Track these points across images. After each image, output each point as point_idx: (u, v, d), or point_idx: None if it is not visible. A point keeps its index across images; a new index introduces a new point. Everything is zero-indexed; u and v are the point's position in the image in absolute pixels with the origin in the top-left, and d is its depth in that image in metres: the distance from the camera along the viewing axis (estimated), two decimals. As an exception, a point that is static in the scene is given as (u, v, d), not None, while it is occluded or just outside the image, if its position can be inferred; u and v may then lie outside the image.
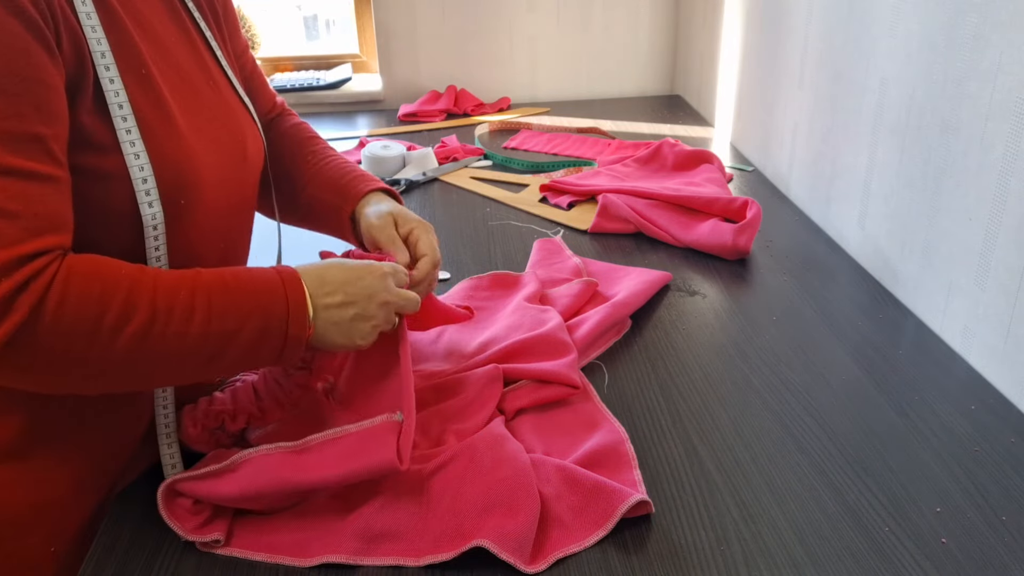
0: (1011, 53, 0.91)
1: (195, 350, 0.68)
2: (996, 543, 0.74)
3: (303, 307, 0.72)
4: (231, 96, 0.84)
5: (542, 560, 0.72)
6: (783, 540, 0.74)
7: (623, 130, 1.92)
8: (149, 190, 0.70)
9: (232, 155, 0.81)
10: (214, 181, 0.76)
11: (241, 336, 0.69)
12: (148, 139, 0.70)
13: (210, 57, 0.84)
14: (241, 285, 0.70)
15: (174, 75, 0.76)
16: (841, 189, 1.33)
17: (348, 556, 0.72)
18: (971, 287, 1.00)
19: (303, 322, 0.72)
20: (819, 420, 0.90)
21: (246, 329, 0.70)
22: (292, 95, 2.14)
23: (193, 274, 0.70)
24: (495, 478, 0.75)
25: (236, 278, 0.71)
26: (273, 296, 0.71)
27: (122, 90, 0.68)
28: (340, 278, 0.75)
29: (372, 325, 0.77)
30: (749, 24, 1.71)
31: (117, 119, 0.68)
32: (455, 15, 2.09)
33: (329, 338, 0.76)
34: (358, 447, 0.75)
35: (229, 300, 0.69)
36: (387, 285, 0.78)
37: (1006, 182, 0.93)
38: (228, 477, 0.75)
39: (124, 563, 0.73)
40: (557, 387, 0.92)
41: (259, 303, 0.70)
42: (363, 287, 0.76)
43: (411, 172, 1.64)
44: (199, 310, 0.67)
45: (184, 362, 0.69)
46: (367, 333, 0.78)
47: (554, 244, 1.28)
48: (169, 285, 0.67)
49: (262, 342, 0.71)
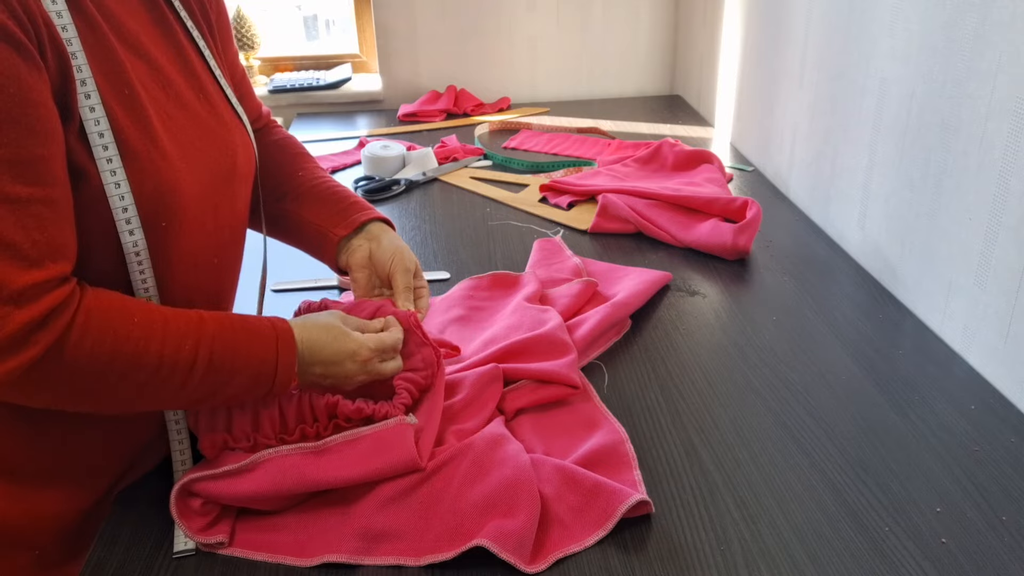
0: (1011, 53, 0.91)
1: (190, 394, 0.71)
2: (996, 543, 0.74)
3: (291, 368, 0.76)
4: (223, 107, 0.82)
5: (542, 560, 0.72)
6: (783, 540, 0.74)
7: (623, 130, 1.92)
8: (130, 218, 0.69)
9: (220, 172, 0.79)
10: (199, 201, 0.75)
11: (231, 385, 0.73)
12: (129, 164, 0.68)
13: (202, 67, 0.81)
14: (239, 340, 0.73)
15: (160, 91, 0.74)
16: (841, 189, 1.33)
17: (349, 556, 0.72)
18: (971, 287, 1.00)
19: (289, 378, 0.76)
20: (819, 420, 0.90)
21: (237, 380, 0.73)
22: (292, 95, 2.14)
23: (198, 322, 0.71)
24: (495, 478, 0.75)
25: (234, 332, 0.73)
26: (266, 354, 0.74)
27: (103, 118, 0.67)
28: (324, 356, 0.78)
29: (357, 382, 0.81)
30: (749, 24, 1.71)
31: (97, 148, 0.66)
32: (455, 15, 2.09)
33: (313, 385, 0.80)
34: (376, 447, 0.77)
35: (227, 355, 0.72)
36: (367, 368, 0.80)
37: (1006, 182, 0.93)
38: (246, 477, 0.75)
39: (124, 563, 0.73)
40: (557, 387, 0.92)
41: (253, 358, 0.73)
42: (342, 371, 0.79)
43: (411, 172, 1.64)
44: (200, 363, 0.70)
45: (177, 401, 0.73)
46: (347, 385, 0.81)
47: (554, 244, 1.28)
48: (177, 335, 0.69)
49: (250, 391, 0.75)
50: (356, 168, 1.72)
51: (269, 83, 2.19)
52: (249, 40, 2.16)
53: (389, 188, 1.57)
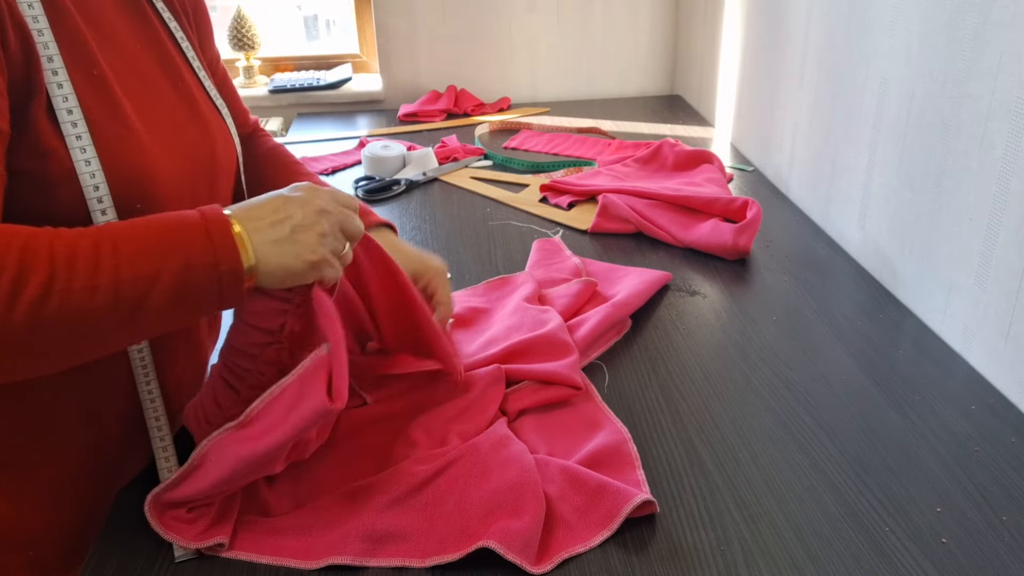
0: (1011, 53, 0.91)
1: (110, 304, 0.60)
2: (996, 543, 0.74)
3: (229, 237, 0.65)
4: (202, 99, 0.81)
5: (547, 561, 0.72)
6: (783, 540, 0.74)
7: (623, 130, 1.92)
8: (101, 197, 0.66)
9: (198, 160, 0.77)
10: (175, 186, 0.73)
11: (161, 279, 0.62)
12: (100, 143, 0.66)
13: (180, 59, 0.81)
14: (152, 226, 0.64)
15: (134, 77, 0.73)
16: (841, 189, 1.33)
17: (353, 557, 0.72)
18: (971, 287, 1.00)
19: (233, 253, 0.65)
20: (819, 420, 0.90)
21: (165, 270, 0.62)
22: (292, 95, 2.14)
23: (100, 226, 0.64)
24: (500, 479, 0.75)
25: (148, 220, 0.64)
26: (191, 231, 0.64)
27: (71, 94, 0.65)
28: (268, 202, 0.69)
29: (317, 233, 0.70)
30: (749, 24, 1.71)
31: (66, 124, 0.65)
32: (455, 15, 2.09)
33: (276, 262, 0.68)
34: (295, 398, 0.71)
35: (139, 242, 0.62)
36: (320, 194, 0.71)
37: (1006, 182, 0.93)
38: (198, 473, 0.73)
39: (124, 563, 0.73)
40: (559, 388, 0.92)
41: (175, 240, 0.63)
42: (291, 200, 0.69)
43: (411, 172, 1.64)
44: (106, 257, 0.60)
45: (103, 321, 0.61)
46: (315, 244, 0.69)
47: (553, 244, 1.28)
48: (69, 237, 0.60)
49: (189, 282, 0.63)
50: (356, 168, 1.72)
51: (269, 83, 2.19)
52: (249, 40, 2.16)
53: (389, 188, 1.57)
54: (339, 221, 0.72)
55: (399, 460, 0.81)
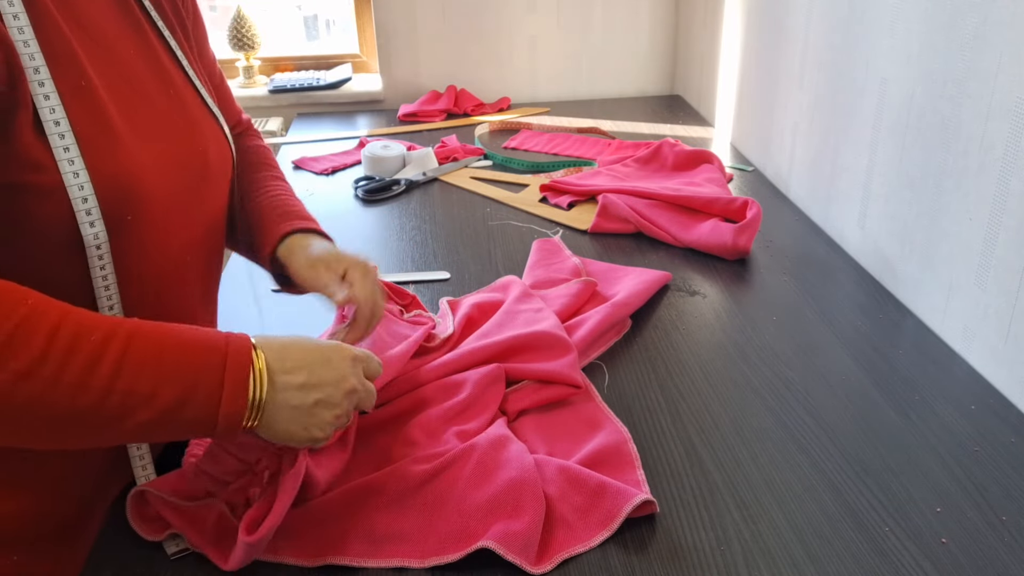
0: (1011, 53, 0.91)
1: (91, 408, 0.56)
2: (996, 543, 0.74)
3: (243, 381, 0.61)
4: (195, 104, 0.80)
5: (547, 561, 0.71)
6: (783, 540, 0.74)
7: (623, 130, 1.92)
8: (90, 209, 0.65)
9: (189, 166, 0.76)
10: (166, 193, 0.72)
11: (154, 403, 0.58)
12: (88, 155, 0.65)
13: (173, 64, 0.80)
14: (172, 340, 0.60)
15: (122, 83, 0.71)
16: (841, 189, 1.33)
17: (353, 558, 0.72)
18: (971, 287, 1.00)
19: (240, 402, 0.61)
20: (819, 420, 0.90)
21: (162, 396, 0.58)
22: (292, 95, 2.14)
23: (123, 320, 0.60)
24: (500, 479, 0.75)
25: (174, 332, 0.61)
26: (208, 362, 0.60)
27: (59, 106, 0.64)
28: (306, 356, 0.66)
29: (335, 415, 0.68)
30: (749, 24, 1.71)
31: (54, 136, 0.63)
32: (455, 15, 2.09)
33: (280, 426, 0.65)
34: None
35: (152, 354, 0.58)
36: (357, 371, 0.70)
37: (1006, 182, 0.93)
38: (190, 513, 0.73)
39: (124, 563, 0.73)
40: (559, 387, 0.92)
41: (188, 364, 0.59)
42: (331, 369, 0.67)
43: (411, 172, 1.64)
44: (108, 360, 0.57)
45: (73, 420, 0.57)
46: (327, 425, 0.68)
47: (553, 244, 1.28)
48: (81, 323, 0.57)
49: (182, 415, 0.59)
50: (356, 168, 1.72)
51: (269, 83, 2.19)
52: (249, 40, 2.16)
53: (389, 188, 1.57)
54: (358, 401, 0.71)
55: (398, 460, 0.81)
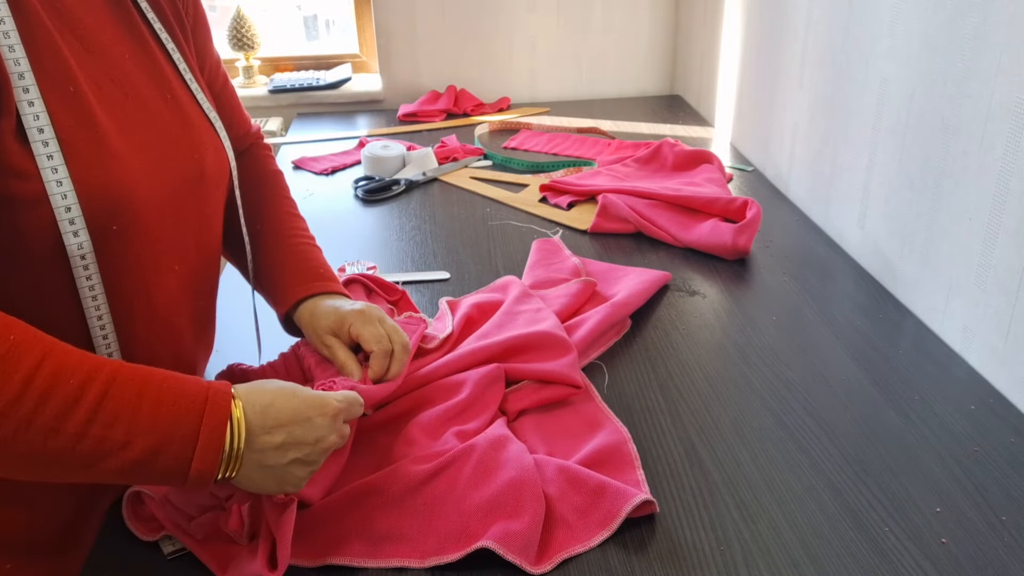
0: (1011, 53, 0.91)
1: (64, 451, 0.56)
2: (996, 543, 0.74)
3: (219, 434, 0.61)
4: (192, 109, 0.80)
5: (547, 561, 0.71)
6: (783, 540, 0.74)
7: (623, 130, 1.92)
8: (74, 219, 0.64)
9: (185, 173, 0.76)
10: (157, 202, 0.71)
11: (127, 452, 0.58)
12: (72, 163, 0.64)
13: (170, 69, 0.79)
14: (152, 388, 0.60)
15: (115, 89, 0.70)
16: (841, 189, 1.33)
17: (353, 558, 0.72)
18: (971, 287, 1.00)
19: (213, 456, 0.61)
20: (819, 420, 0.90)
21: (136, 445, 0.58)
22: (292, 95, 2.14)
23: (104, 362, 0.60)
24: (500, 479, 0.75)
25: (155, 378, 0.61)
26: (186, 412, 0.60)
27: (43, 113, 0.63)
28: (286, 416, 0.66)
29: (309, 471, 0.69)
30: (749, 24, 1.71)
31: (37, 144, 0.62)
32: (455, 15, 2.09)
33: (254, 481, 0.66)
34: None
35: (129, 401, 0.58)
36: (336, 427, 0.70)
37: (1006, 182, 0.93)
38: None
39: (124, 563, 0.73)
40: (559, 387, 0.92)
41: (164, 416, 0.59)
42: (311, 430, 0.67)
43: (411, 172, 1.64)
44: (85, 406, 0.57)
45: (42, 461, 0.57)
46: (300, 480, 0.69)
47: (552, 244, 1.28)
48: (62, 364, 0.57)
49: (155, 464, 0.59)
50: (356, 168, 1.72)
51: (269, 83, 2.19)
52: (249, 40, 2.16)
53: (389, 188, 1.57)
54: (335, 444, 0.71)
55: (398, 460, 0.81)
